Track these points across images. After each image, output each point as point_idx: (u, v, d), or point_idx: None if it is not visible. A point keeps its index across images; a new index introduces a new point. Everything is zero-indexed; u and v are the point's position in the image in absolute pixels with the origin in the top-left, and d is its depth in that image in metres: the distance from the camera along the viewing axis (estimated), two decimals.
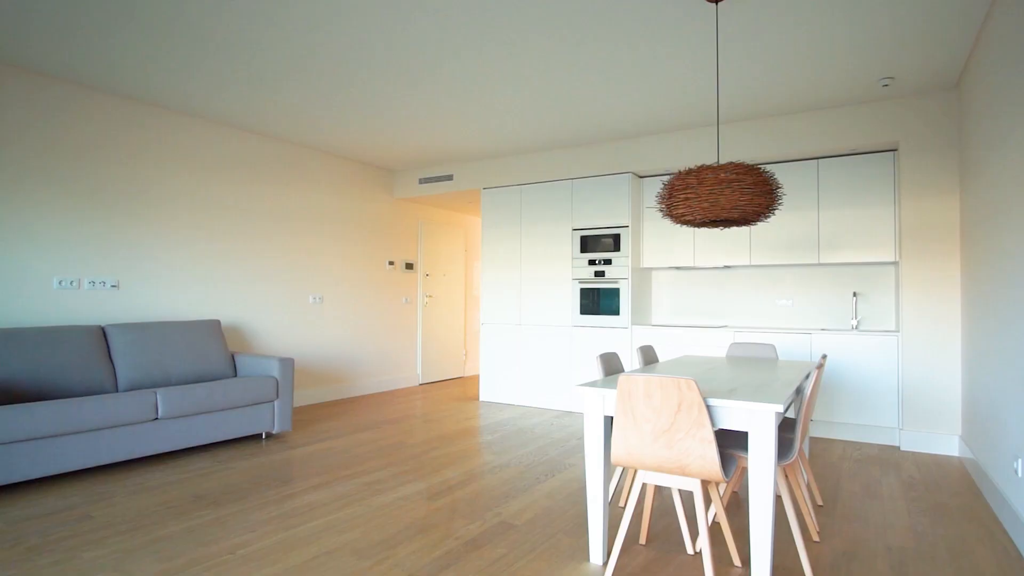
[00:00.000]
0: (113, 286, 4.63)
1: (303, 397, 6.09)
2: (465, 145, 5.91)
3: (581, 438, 4.72)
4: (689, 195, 2.92)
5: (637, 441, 2.33)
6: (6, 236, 4.07)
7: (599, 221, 5.70)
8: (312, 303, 6.21)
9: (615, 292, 5.56)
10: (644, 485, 3.42)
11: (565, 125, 5.19)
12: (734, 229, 5.30)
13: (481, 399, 6.45)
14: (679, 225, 3.74)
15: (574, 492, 3.42)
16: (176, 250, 5.03)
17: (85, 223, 4.47)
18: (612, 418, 3.01)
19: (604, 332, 5.63)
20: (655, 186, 5.72)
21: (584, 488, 3.49)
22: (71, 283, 4.40)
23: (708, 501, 2.99)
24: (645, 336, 5.45)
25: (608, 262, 5.61)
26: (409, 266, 7.46)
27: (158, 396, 3.95)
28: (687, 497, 3.35)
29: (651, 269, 5.99)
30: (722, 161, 5.11)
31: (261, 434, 4.76)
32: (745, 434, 2.86)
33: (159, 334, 4.50)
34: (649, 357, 3.64)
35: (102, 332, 4.28)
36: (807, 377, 3.16)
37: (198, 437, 4.16)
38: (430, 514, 3.05)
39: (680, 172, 2.98)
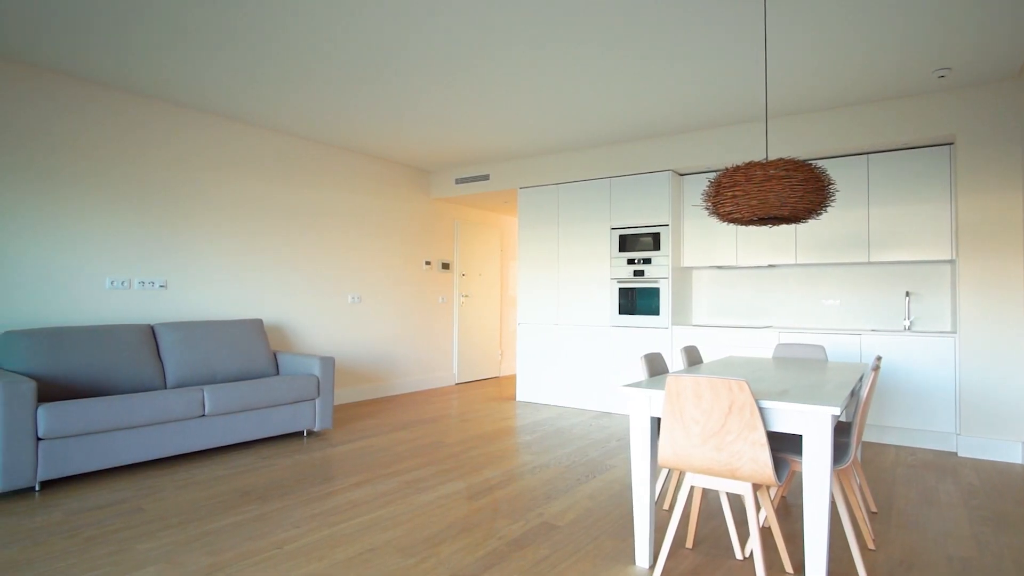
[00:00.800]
0: (161, 286, 4.76)
1: (342, 395, 6.17)
2: (501, 145, 5.90)
3: (621, 439, 4.66)
4: (737, 192, 2.84)
5: (685, 443, 2.28)
6: (62, 239, 4.21)
7: (638, 220, 5.63)
8: (351, 303, 6.29)
9: (655, 292, 5.48)
10: (692, 488, 3.35)
11: (603, 123, 5.14)
12: (779, 227, 5.17)
13: (518, 399, 6.43)
14: (725, 223, 3.65)
15: (616, 494, 3.37)
16: (220, 251, 5.15)
17: (135, 225, 4.60)
18: (658, 419, 2.97)
19: (643, 332, 5.55)
20: (696, 184, 5.62)
21: (627, 490, 3.44)
22: (122, 283, 4.53)
23: (758, 505, 2.91)
24: (685, 336, 5.36)
25: (647, 261, 5.53)
26: (445, 266, 7.50)
27: (205, 393, 4.04)
28: (735, 500, 3.27)
29: (691, 268, 5.88)
30: (768, 157, 4.98)
31: (302, 431, 4.83)
32: (796, 437, 2.77)
33: (205, 333, 4.60)
34: (693, 358, 3.56)
35: (151, 331, 4.40)
36: (861, 379, 3.05)
37: (242, 434, 4.25)
38: (472, 513, 3.05)
39: (727, 169, 2.91)
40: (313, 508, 3.10)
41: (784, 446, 2.63)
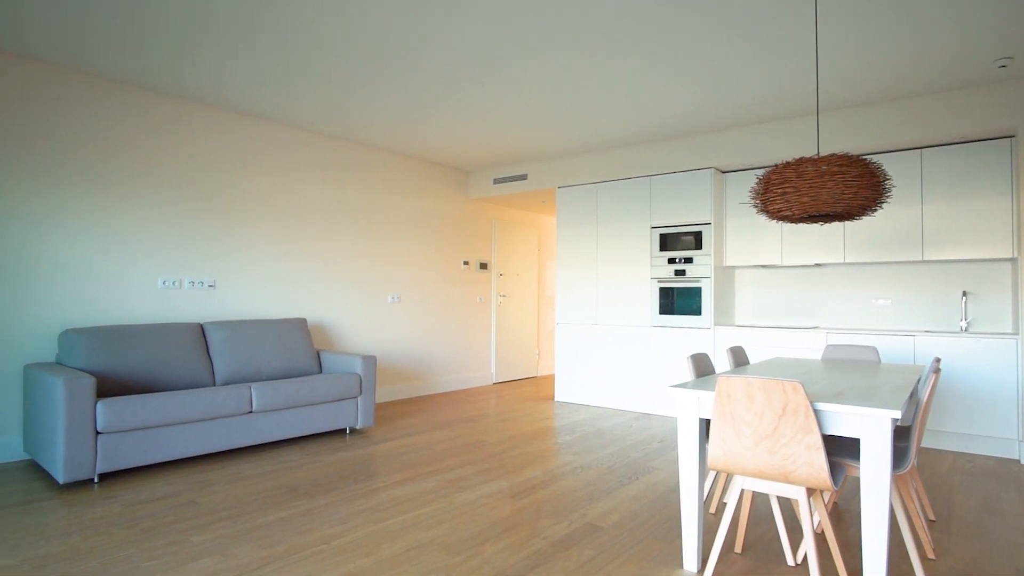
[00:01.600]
0: (210, 286, 4.90)
1: (382, 394, 6.25)
2: (539, 144, 5.89)
3: (663, 441, 4.60)
4: (787, 189, 2.77)
5: (736, 445, 2.23)
6: (117, 240, 4.37)
7: (679, 218, 5.54)
8: (391, 302, 6.36)
9: (696, 291, 5.39)
10: (742, 491, 3.28)
11: (643, 120, 5.08)
12: (826, 226, 5.03)
13: (556, 399, 6.41)
14: (773, 221, 3.57)
15: (661, 496, 3.33)
16: (266, 252, 5.27)
17: (186, 227, 4.74)
18: (707, 421, 2.91)
19: (685, 333, 5.46)
20: (739, 181, 5.51)
21: (671, 492, 3.39)
22: (174, 283, 4.68)
23: (812, 510, 2.83)
24: (728, 337, 5.25)
25: (689, 260, 5.45)
26: (483, 266, 7.52)
27: (252, 390, 4.14)
28: (785, 504, 3.19)
29: (734, 268, 5.77)
30: (820, 153, 4.85)
31: (345, 429, 4.91)
32: (850, 441, 2.68)
33: (251, 331, 4.71)
34: (739, 358, 3.49)
35: (201, 329, 4.53)
36: (919, 382, 2.94)
37: (287, 430, 4.33)
38: (515, 513, 3.04)
39: (777, 165, 2.84)
40: (358, 504, 3.15)
41: (838, 450, 2.55)
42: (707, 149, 5.39)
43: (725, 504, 3.19)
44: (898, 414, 2.00)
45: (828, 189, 2.68)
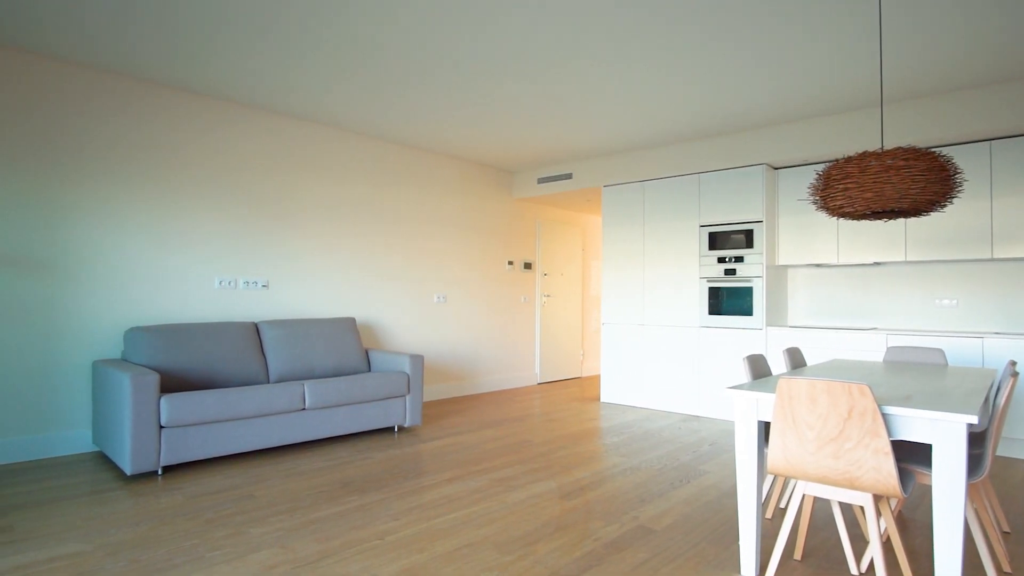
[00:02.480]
0: (264, 286, 5.04)
1: (428, 393, 6.31)
2: (584, 143, 5.85)
3: (713, 444, 4.50)
4: (849, 185, 2.68)
5: (798, 450, 2.16)
6: (177, 242, 4.54)
7: (729, 216, 5.42)
8: (436, 302, 6.42)
9: (747, 291, 5.26)
10: (804, 496, 3.19)
11: (692, 117, 4.99)
12: (886, 223, 4.84)
13: (602, 400, 6.35)
14: (832, 218, 3.45)
15: (714, 500, 3.26)
16: (316, 252, 5.39)
17: (240, 229, 4.89)
18: (766, 423, 2.84)
19: (735, 334, 5.34)
20: (793, 178, 5.35)
21: (724, 497, 3.32)
22: (229, 283, 4.83)
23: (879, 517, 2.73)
24: (781, 338, 5.11)
25: (739, 259, 5.32)
26: (528, 266, 7.52)
27: (305, 388, 4.24)
28: (847, 511, 3.08)
29: (787, 267, 5.61)
30: (875, 146, 4.67)
31: (393, 427, 4.98)
32: (917, 446, 2.57)
33: (303, 330, 4.83)
34: (796, 360, 3.39)
35: (255, 328, 4.66)
36: (992, 385, 2.80)
37: (338, 427, 4.42)
38: (565, 513, 3.03)
39: (838, 160, 2.74)
40: (410, 501, 3.18)
41: (904, 455, 2.45)
42: (759, 145, 5.26)
43: (782, 509, 3.11)
44: (974, 419, 1.90)
45: (893, 184, 2.58)
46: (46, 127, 3.96)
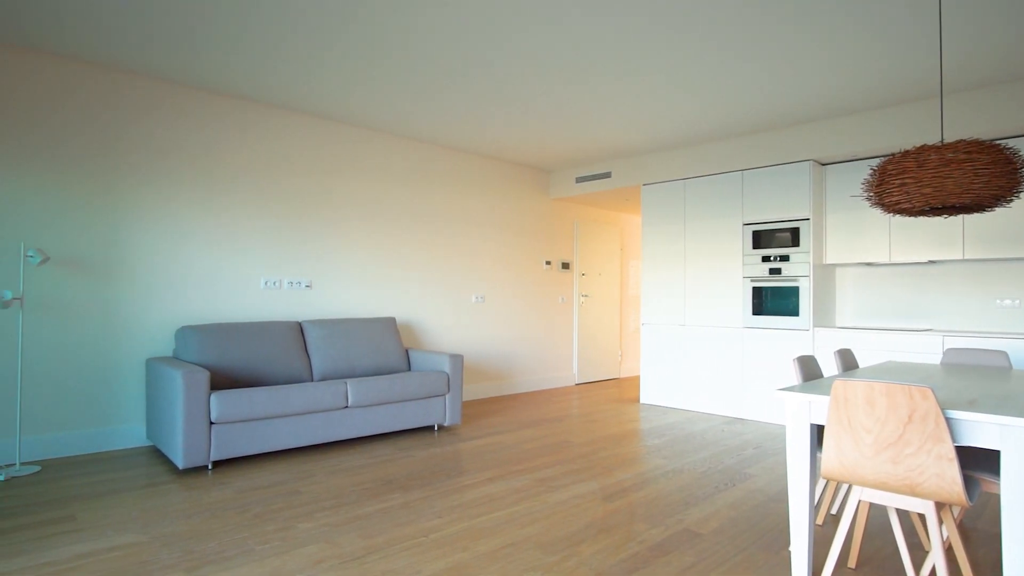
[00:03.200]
0: (307, 286, 5.14)
1: (466, 392, 6.34)
2: (623, 141, 5.79)
3: (758, 447, 4.40)
4: (906, 180, 2.58)
5: (855, 454, 2.09)
6: (224, 244, 4.66)
7: (774, 214, 5.29)
8: (475, 302, 6.44)
9: (793, 291, 5.12)
10: (859, 503, 3.09)
11: (735, 113, 4.88)
12: (941, 220, 4.65)
13: (641, 401, 6.28)
14: (888, 215, 3.34)
15: (761, 504, 3.18)
16: (357, 253, 5.47)
17: (285, 230, 5.00)
18: (819, 426, 2.76)
19: (780, 335, 5.21)
20: (841, 174, 5.19)
21: (771, 501, 3.23)
22: (275, 283, 4.94)
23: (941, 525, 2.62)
24: (829, 339, 4.96)
25: (785, 258, 5.19)
26: (565, 266, 7.49)
27: (348, 386, 4.30)
28: (905, 518, 2.96)
29: (835, 265, 5.44)
30: (931, 140, 4.50)
31: (433, 426, 5.01)
32: (980, 452, 2.46)
33: (345, 329, 4.90)
34: (848, 362, 3.28)
35: (299, 327, 4.76)
36: None
37: (380, 425, 4.47)
38: (608, 515, 3.00)
39: (894, 155, 2.65)
40: (452, 500, 3.20)
41: (968, 462, 2.34)
42: (805, 140, 5.12)
43: (833, 516, 3.02)
44: None
45: (955, 179, 2.47)
46: (106, 135, 4.12)
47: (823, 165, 5.28)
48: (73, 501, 3.11)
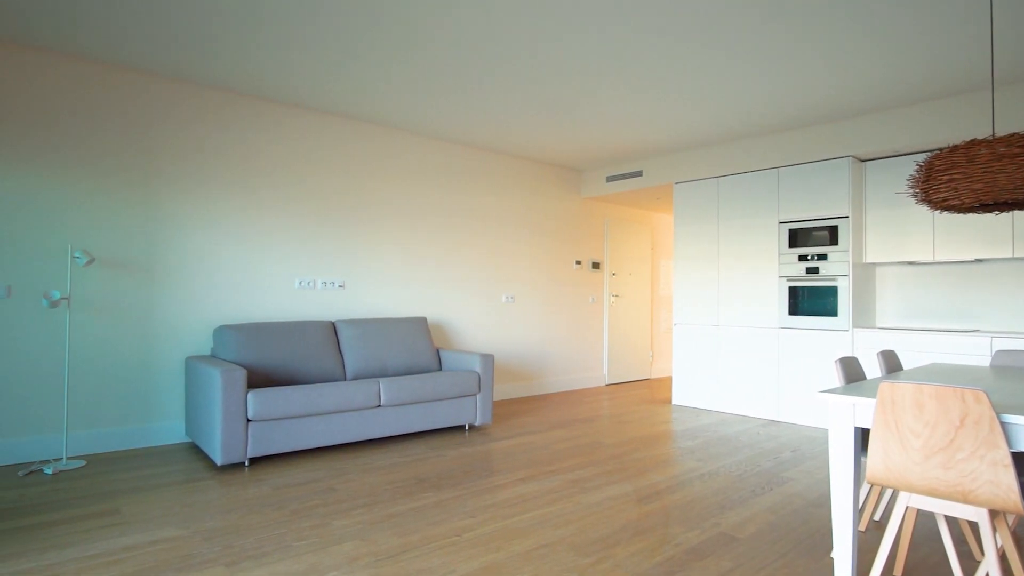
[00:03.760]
0: (340, 286, 5.20)
1: (497, 392, 6.34)
2: (655, 139, 5.72)
3: (795, 450, 4.30)
4: (955, 175, 2.49)
5: (902, 459, 2.02)
6: (260, 245, 4.75)
7: (811, 212, 5.17)
8: (505, 302, 6.44)
9: (831, 291, 4.99)
10: (907, 509, 3.00)
11: (770, 108, 4.78)
12: (988, 217, 4.48)
13: (674, 402, 6.20)
14: (935, 212, 3.23)
15: (800, 509, 3.10)
16: (388, 253, 5.52)
17: (318, 232, 5.07)
18: (863, 430, 2.68)
19: (818, 335, 5.08)
20: (882, 170, 5.04)
21: (810, 506, 3.15)
22: (308, 283, 5.01)
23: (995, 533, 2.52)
24: (869, 340, 4.82)
25: (823, 257, 5.06)
26: (596, 265, 7.44)
27: (380, 385, 4.34)
28: (954, 525, 2.86)
29: (875, 264, 5.29)
30: (980, 134, 4.34)
31: (464, 425, 5.02)
32: None
33: (377, 329, 4.94)
34: (892, 363, 3.19)
35: (332, 327, 4.82)
36: None
37: (412, 425, 4.50)
38: (643, 517, 2.96)
39: (942, 150, 2.56)
40: (485, 499, 3.19)
41: (1022, 468, 2.25)
42: (844, 136, 4.99)
43: (876, 522, 2.93)
44: None
45: (1007, 174, 2.38)
46: (151, 141, 4.23)
47: (862, 161, 5.13)
48: (117, 495, 3.20)
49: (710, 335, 5.91)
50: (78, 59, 3.97)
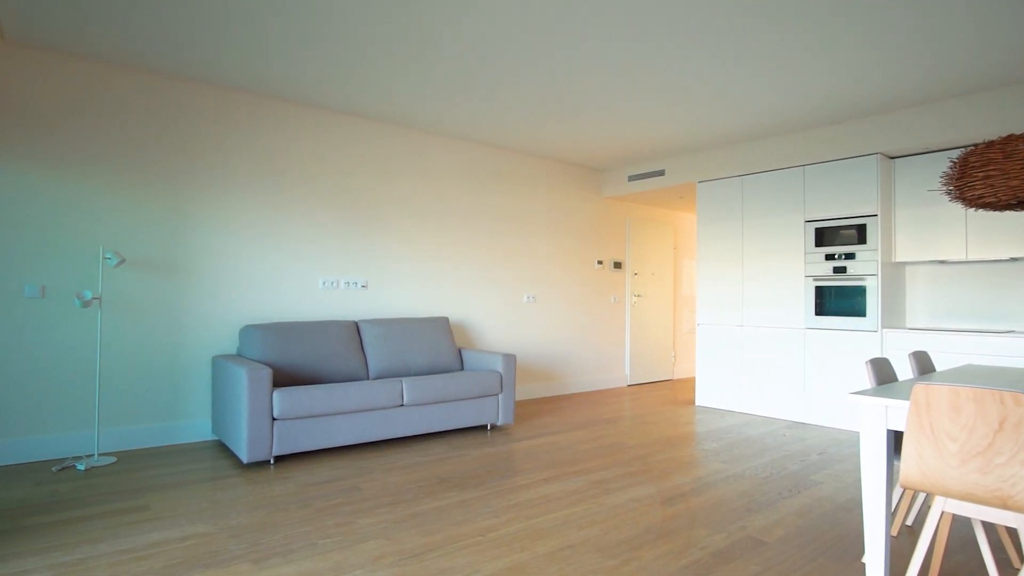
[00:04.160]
0: (363, 286, 5.23)
1: (518, 392, 6.33)
2: (678, 137, 5.67)
3: (823, 453, 4.23)
4: (991, 172, 2.43)
5: (937, 463, 1.97)
6: (284, 246, 4.80)
7: (838, 211, 5.07)
8: (526, 302, 6.43)
9: (860, 290, 4.90)
10: (942, 514, 2.93)
11: (795, 105, 4.70)
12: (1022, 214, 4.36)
13: (697, 403, 6.13)
14: (970, 209, 3.15)
15: (829, 513, 3.05)
16: (410, 254, 5.54)
17: (341, 232, 5.11)
18: (896, 432, 2.62)
19: (845, 336, 4.99)
20: (912, 167, 4.93)
21: (840, 510, 3.09)
22: (332, 284, 5.05)
23: None
24: (899, 341, 4.72)
25: (850, 256, 4.97)
26: (617, 265, 7.39)
27: (403, 385, 4.36)
28: (992, 531, 2.78)
29: (904, 264, 5.17)
30: (1015, 129, 4.22)
31: (486, 425, 5.02)
32: None
33: (399, 329, 4.97)
34: (924, 365, 3.11)
35: (356, 326, 4.85)
36: None
37: (434, 424, 4.51)
38: (667, 520, 2.93)
39: (977, 146, 2.49)
40: (508, 499, 3.19)
41: None
42: (872, 132, 4.89)
43: (908, 527, 2.86)
44: None
45: None
46: (178, 144, 4.30)
47: (891, 158, 5.03)
48: (147, 491, 3.26)
49: (734, 335, 5.83)
50: (107, 64, 4.05)
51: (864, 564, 2.42)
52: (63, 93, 3.91)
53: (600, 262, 7.20)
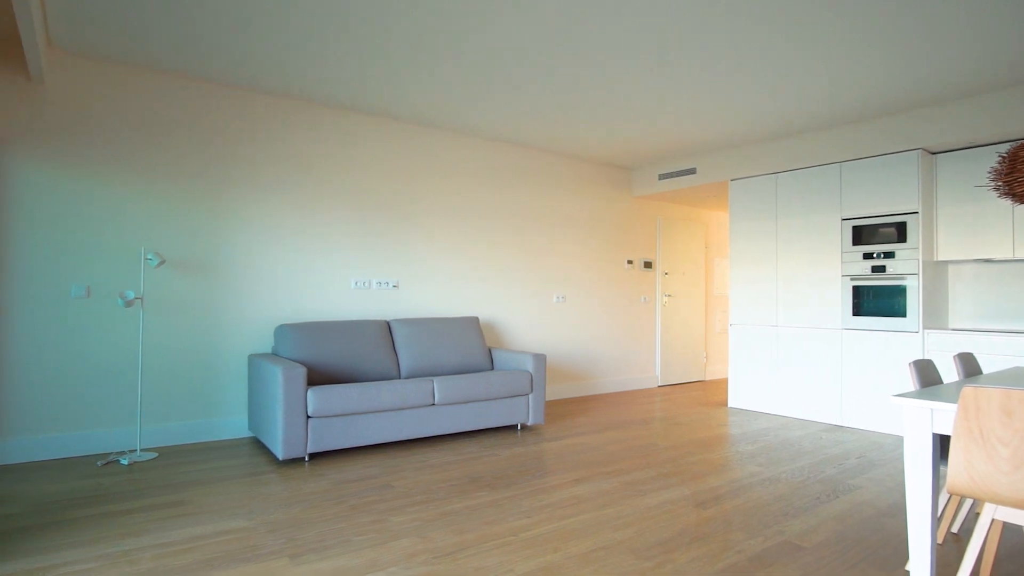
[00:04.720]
0: (394, 286, 5.28)
1: (548, 392, 6.32)
2: (709, 135, 5.59)
3: (861, 456, 4.12)
4: None
5: (987, 468, 1.90)
6: (317, 246, 4.87)
7: (877, 208, 4.94)
8: (556, 302, 6.42)
9: (900, 290, 4.76)
10: (992, 521, 2.83)
11: (832, 100, 4.59)
12: None
13: (730, 405, 6.04)
14: (1017, 206, 3.04)
15: (870, 518, 2.97)
16: (441, 254, 5.57)
17: (373, 232, 5.16)
18: (941, 436, 2.54)
19: (884, 337, 4.86)
20: (955, 163, 4.77)
21: (881, 515, 3.01)
22: (364, 284, 5.11)
23: None
24: (941, 342, 4.58)
25: (890, 255, 4.83)
26: (648, 265, 7.32)
27: (435, 384, 4.38)
28: None
29: (947, 262, 5.01)
30: None
31: (516, 425, 5.02)
32: None
33: (430, 328, 5.00)
34: (970, 367, 3.01)
35: (387, 326, 4.90)
36: None
37: (465, 423, 4.53)
38: (702, 522, 2.89)
39: None
40: (540, 500, 3.18)
41: None
42: (913, 128, 4.75)
43: (955, 534, 2.77)
44: None
45: None
46: (218, 148, 4.40)
47: (933, 154, 4.88)
48: (187, 486, 3.34)
49: (768, 336, 5.73)
50: (148, 71, 4.16)
51: (908, 572, 2.35)
52: (108, 101, 4.04)
53: (630, 261, 7.14)
